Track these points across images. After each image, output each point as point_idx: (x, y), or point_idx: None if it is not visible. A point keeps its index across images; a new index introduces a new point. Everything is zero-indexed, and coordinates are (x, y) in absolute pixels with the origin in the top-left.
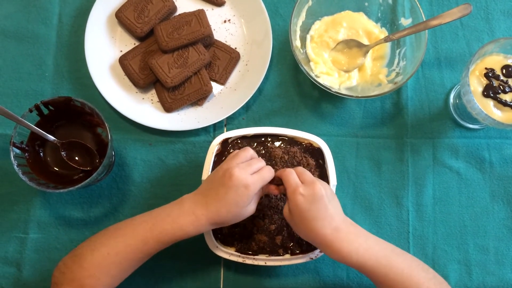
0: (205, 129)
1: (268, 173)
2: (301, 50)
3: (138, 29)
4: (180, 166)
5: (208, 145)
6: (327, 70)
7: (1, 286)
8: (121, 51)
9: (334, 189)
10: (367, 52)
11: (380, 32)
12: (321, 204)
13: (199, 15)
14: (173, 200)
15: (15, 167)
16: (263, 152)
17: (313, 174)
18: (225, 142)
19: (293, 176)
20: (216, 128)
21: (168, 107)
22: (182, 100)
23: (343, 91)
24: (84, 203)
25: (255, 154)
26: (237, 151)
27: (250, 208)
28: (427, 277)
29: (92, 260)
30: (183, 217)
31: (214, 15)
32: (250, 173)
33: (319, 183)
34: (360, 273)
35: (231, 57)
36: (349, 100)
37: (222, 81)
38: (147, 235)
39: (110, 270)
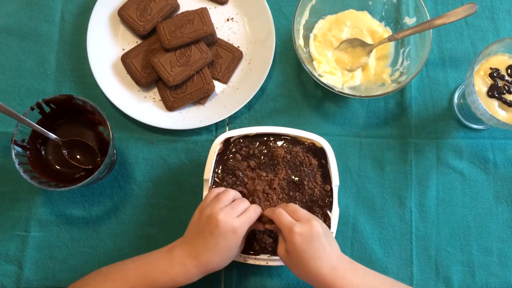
0: (207, 128)
1: (254, 212)
2: (304, 49)
3: (140, 27)
4: (182, 165)
5: (210, 144)
6: (330, 69)
7: (2, 284)
8: (123, 49)
9: (336, 189)
10: (370, 51)
11: (384, 31)
12: (319, 242)
13: (201, 14)
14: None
15: (17, 165)
16: (265, 151)
17: (315, 174)
18: (227, 141)
19: (285, 215)
20: (218, 127)
21: (170, 106)
22: (184, 99)
23: (346, 91)
24: (86, 202)
25: (238, 194)
26: (215, 191)
27: (239, 249)
28: None
29: None
30: (174, 269)
31: (217, 13)
32: (236, 216)
33: (315, 220)
34: None
35: (234, 55)
36: (352, 100)
37: (224, 80)
38: (137, 283)
39: None
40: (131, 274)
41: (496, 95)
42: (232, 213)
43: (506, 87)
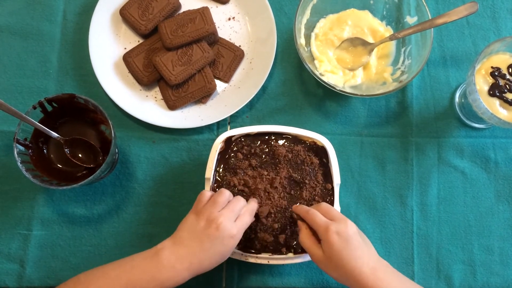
0: (208, 127)
1: (249, 217)
2: (305, 48)
3: (142, 27)
4: (183, 164)
5: (211, 143)
6: (331, 69)
7: (5, 282)
8: (125, 48)
9: (337, 188)
10: (372, 50)
11: (385, 30)
12: (356, 241)
13: (203, 13)
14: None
15: (19, 164)
16: (267, 150)
17: (316, 173)
18: (228, 140)
19: (319, 216)
20: (219, 126)
21: (172, 105)
22: (185, 98)
23: (348, 90)
24: (88, 200)
25: (231, 195)
26: (207, 193)
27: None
28: None
29: None
30: (162, 273)
31: (218, 12)
32: (234, 219)
33: (349, 220)
34: None
35: (235, 55)
36: (354, 99)
37: (226, 79)
38: None
39: None
40: (116, 283)
41: (497, 94)
42: (231, 217)
43: (507, 86)
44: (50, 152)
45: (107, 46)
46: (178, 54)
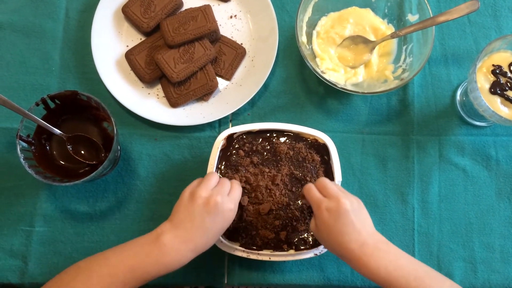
0: (210, 125)
1: (239, 188)
2: (307, 46)
3: (144, 24)
4: (185, 161)
5: (213, 141)
6: (333, 66)
7: (7, 278)
8: (127, 46)
9: (339, 185)
10: (373, 48)
11: (386, 28)
12: (347, 218)
13: (205, 11)
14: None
15: (22, 160)
16: (268, 147)
17: (318, 171)
18: (230, 138)
19: (313, 191)
20: (221, 123)
21: (174, 102)
22: (187, 96)
23: (349, 87)
24: (90, 197)
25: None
26: (199, 178)
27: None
28: None
29: None
30: (167, 257)
31: (220, 10)
32: (227, 194)
33: (344, 197)
34: None
35: (237, 52)
36: (355, 97)
37: (227, 76)
38: (127, 277)
39: None
40: (119, 269)
41: (499, 92)
42: (225, 192)
43: (508, 83)
44: (53, 148)
45: (109, 43)
46: (180, 52)
